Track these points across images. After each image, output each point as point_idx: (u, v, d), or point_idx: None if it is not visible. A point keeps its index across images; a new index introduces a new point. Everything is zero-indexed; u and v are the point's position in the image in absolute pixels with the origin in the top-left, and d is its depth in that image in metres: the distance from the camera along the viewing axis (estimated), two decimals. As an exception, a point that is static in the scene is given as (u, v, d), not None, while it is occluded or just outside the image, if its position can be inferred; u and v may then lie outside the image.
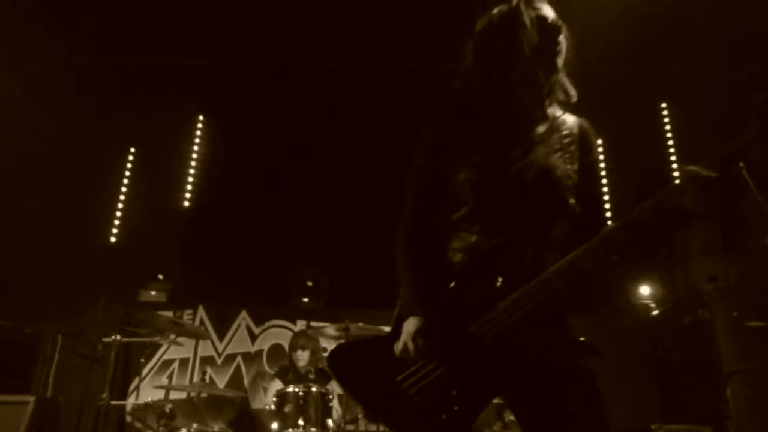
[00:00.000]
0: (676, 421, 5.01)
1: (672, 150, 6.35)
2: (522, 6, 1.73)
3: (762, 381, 4.43)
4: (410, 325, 1.65)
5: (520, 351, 1.61)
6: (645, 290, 6.30)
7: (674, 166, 6.29)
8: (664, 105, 6.43)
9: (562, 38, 1.73)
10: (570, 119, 1.81)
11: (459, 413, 1.60)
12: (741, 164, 2.35)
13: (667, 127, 6.39)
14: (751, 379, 4.64)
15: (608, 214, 6.45)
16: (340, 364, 1.77)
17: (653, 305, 6.26)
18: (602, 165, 6.60)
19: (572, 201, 1.71)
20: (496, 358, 1.61)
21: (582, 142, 1.78)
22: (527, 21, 1.70)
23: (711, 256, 5.53)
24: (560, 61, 1.73)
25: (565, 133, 1.77)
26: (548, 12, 1.75)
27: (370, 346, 1.82)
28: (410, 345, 1.63)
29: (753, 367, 4.61)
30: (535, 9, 1.74)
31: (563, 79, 1.79)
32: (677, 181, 1.54)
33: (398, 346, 1.66)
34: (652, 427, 4.82)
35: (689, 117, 6.03)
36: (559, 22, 1.73)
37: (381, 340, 1.75)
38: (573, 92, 1.81)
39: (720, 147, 1.55)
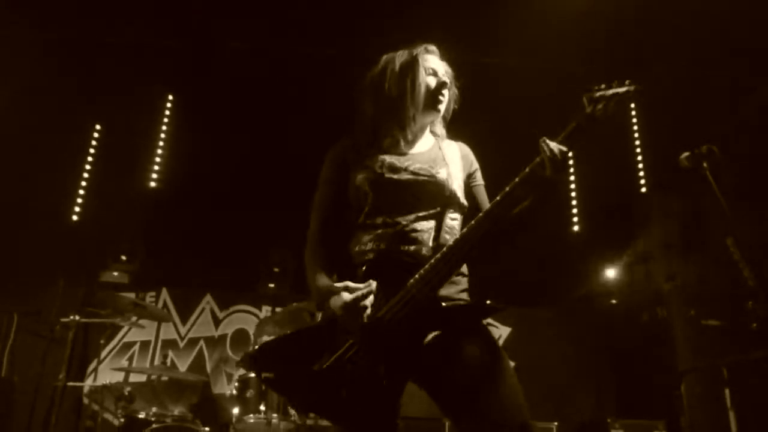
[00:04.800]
0: (632, 416, 5.13)
1: (639, 150, 6.46)
2: (418, 59, 2.06)
3: (715, 379, 4.56)
4: (335, 302, 1.78)
5: (421, 329, 1.77)
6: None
7: (641, 166, 6.40)
8: (632, 105, 6.53)
9: (445, 91, 2.07)
10: (451, 143, 2.16)
11: (387, 388, 1.73)
12: (705, 165, 2.42)
13: (635, 128, 6.48)
14: (704, 377, 4.77)
15: (575, 219, 6.56)
16: (262, 365, 1.84)
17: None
18: (571, 170, 6.69)
19: (460, 195, 1.98)
20: (402, 338, 1.75)
21: (464, 157, 2.11)
22: (420, 74, 2.03)
23: (671, 255, 5.65)
24: (442, 107, 2.08)
25: (447, 150, 2.09)
26: (438, 66, 2.09)
27: (290, 342, 1.90)
28: (346, 316, 1.75)
29: (707, 364, 4.75)
30: (427, 61, 2.07)
31: (440, 119, 2.15)
32: (539, 158, 1.78)
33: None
34: (608, 420, 4.93)
35: (658, 118, 6.13)
36: (446, 78, 2.08)
37: (300, 334, 1.90)
38: (443, 129, 2.20)
39: (566, 125, 1.82)
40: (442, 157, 2.04)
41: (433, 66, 2.08)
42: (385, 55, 2.14)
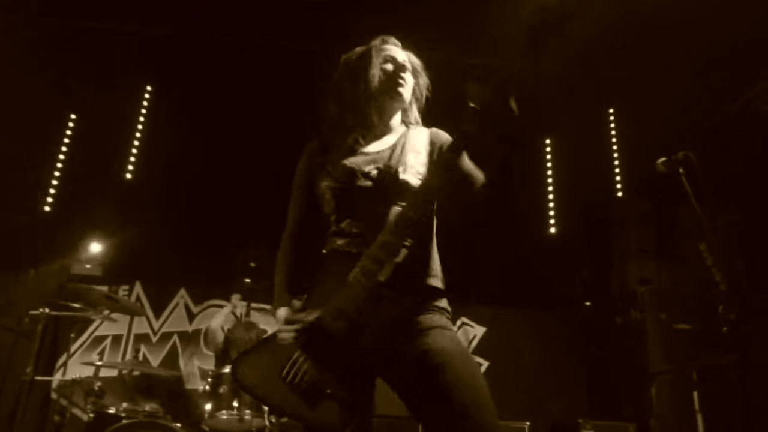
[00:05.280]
0: (603, 417, 5.20)
1: (616, 155, 6.53)
2: (373, 50, 2.04)
3: (685, 382, 4.63)
4: (280, 314, 1.86)
5: (367, 324, 1.73)
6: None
7: (617, 170, 6.48)
8: (611, 110, 6.60)
9: (406, 75, 2.04)
10: (423, 130, 2.10)
11: (342, 387, 1.70)
12: (680, 170, 2.45)
13: (613, 132, 6.56)
14: (674, 380, 4.85)
15: (552, 221, 6.62)
16: (242, 376, 1.86)
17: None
18: (549, 173, 6.74)
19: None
20: (349, 336, 1.72)
21: (433, 142, 2.02)
22: (375, 63, 2.02)
23: (645, 260, 5.73)
24: (406, 93, 2.05)
25: (416, 139, 2.03)
26: (398, 54, 2.07)
27: (261, 349, 1.91)
28: (284, 334, 1.80)
29: (677, 367, 4.83)
30: (385, 50, 2.06)
31: (412, 104, 2.13)
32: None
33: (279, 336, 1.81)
34: (580, 421, 4.99)
35: (635, 123, 6.21)
36: (405, 63, 2.06)
37: (270, 340, 1.88)
38: (417, 117, 2.16)
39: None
40: (411, 147, 1.99)
41: (392, 54, 2.06)
42: (344, 54, 2.13)
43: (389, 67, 2.03)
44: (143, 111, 6.44)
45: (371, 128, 2.04)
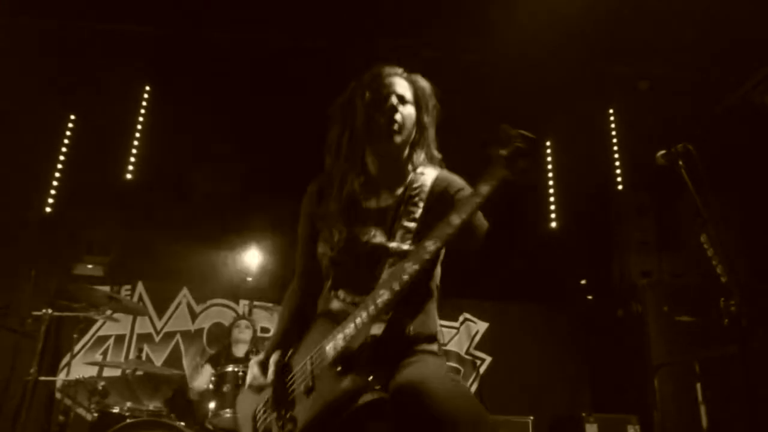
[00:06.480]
0: (606, 410, 5.20)
1: (616, 148, 6.52)
2: (357, 92, 1.86)
3: (687, 373, 4.64)
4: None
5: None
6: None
7: (617, 164, 6.47)
8: (610, 104, 6.59)
9: (405, 110, 1.82)
10: (429, 175, 1.85)
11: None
12: (680, 163, 2.45)
13: (612, 126, 6.55)
14: (677, 372, 4.86)
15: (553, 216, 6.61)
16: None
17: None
18: (549, 167, 6.73)
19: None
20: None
21: (434, 186, 1.81)
22: (360, 108, 1.82)
23: (646, 252, 5.73)
24: (399, 138, 1.82)
25: (420, 191, 1.81)
26: (393, 86, 1.84)
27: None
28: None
29: (680, 360, 4.83)
30: (374, 88, 1.84)
31: (420, 139, 1.88)
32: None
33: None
34: (583, 414, 5.00)
35: (635, 122, 6.21)
36: (403, 97, 1.83)
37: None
38: (429, 153, 1.90)
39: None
40: (410, 204, 1.79)
41: (384, 91, 1.84)
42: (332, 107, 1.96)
43: (378, 110, 1.81)
44: (143, 111, 6.44)
45: (369, 176, 1.88)
